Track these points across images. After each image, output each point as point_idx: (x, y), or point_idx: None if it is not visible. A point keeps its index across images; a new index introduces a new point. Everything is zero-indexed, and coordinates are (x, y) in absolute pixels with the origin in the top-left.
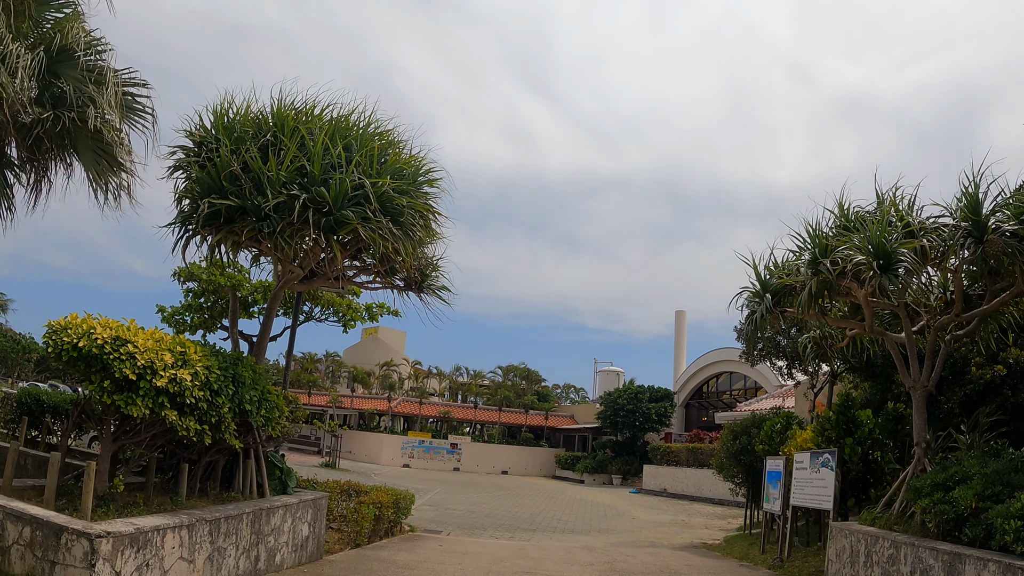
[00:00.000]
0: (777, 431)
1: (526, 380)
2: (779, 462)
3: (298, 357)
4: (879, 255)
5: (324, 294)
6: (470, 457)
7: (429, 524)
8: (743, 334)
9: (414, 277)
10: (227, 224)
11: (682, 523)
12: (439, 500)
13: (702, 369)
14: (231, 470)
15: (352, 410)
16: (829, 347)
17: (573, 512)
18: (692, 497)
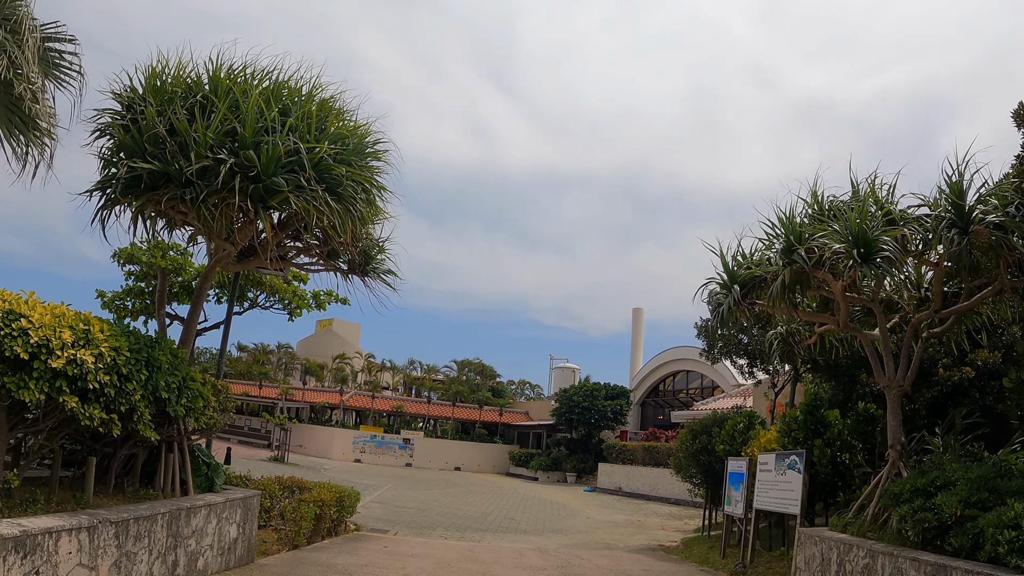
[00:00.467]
0: (739, 431)
1: (481, 375)
2: (742, 463)
3: (250, 348)
4: (859, 243)
5: (268, 280)
6: (423, 453)
7: (377, 522)
8: (703, 331)
9: (357, 260)
10: (148, 192)
11: (638, 523)
12: (389, 497)
13: (659, 367)
14: (155, 465)
15: (303, 403)
16: (796, 344)
17: (526, 511)
18: (648, 496)
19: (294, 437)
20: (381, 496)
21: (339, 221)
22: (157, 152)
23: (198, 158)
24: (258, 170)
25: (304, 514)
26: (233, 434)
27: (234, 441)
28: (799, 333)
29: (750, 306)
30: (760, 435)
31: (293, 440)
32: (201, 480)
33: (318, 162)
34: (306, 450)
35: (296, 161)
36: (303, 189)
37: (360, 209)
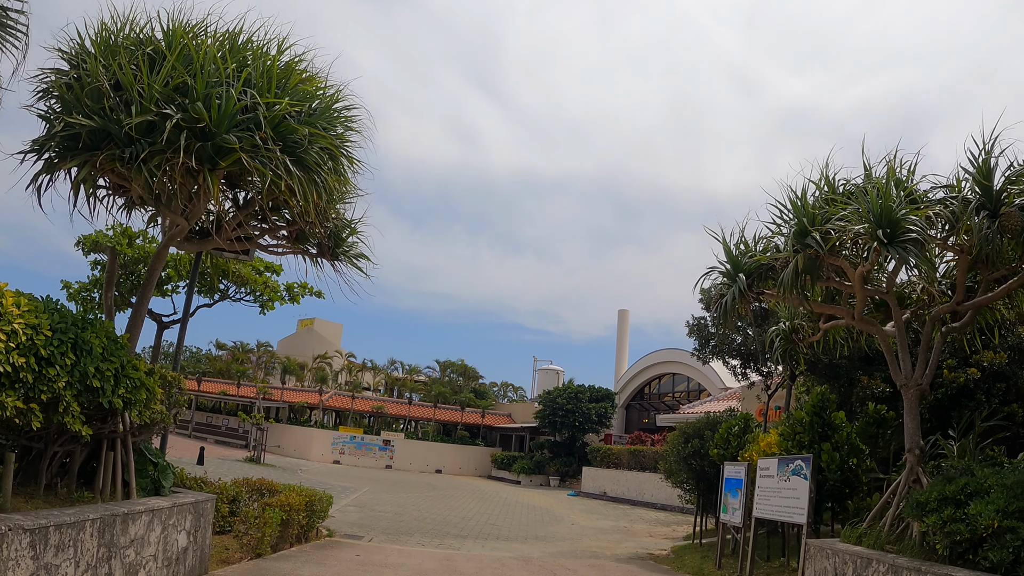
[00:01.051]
0: (735, 434)
1: (463, 376)
2: (740, 468)
3: (229, 346)
4: (883, 223)
5: (238, 269)
6: (403, 454)
7: (351, 528)
8: (694, 329)
9: (327, 243)
10: (85, 152)
11: (624, 530)
12: (366, 500)
13: (645, 370)
14: (97, 465)
15: (282, 403)
16: (799, 341)
17: (509, 516)
18: (634, 501)
19: (272, 438)
20: (358, 499)
21: (300, 189)
22: (98, 108)
23: (141, 112)
24: (208, 126)
25: (269, 520)
26: (210, 434)
27: (211, 441)
28: (802, 330)
29: (757, 297)
30: (759, 439)
31: (271, 441)
32: (147, 482)
33: (279, 123)
34: (284, 451)
35: (252, 119)
36: (258, 149)
37: (326, 179)
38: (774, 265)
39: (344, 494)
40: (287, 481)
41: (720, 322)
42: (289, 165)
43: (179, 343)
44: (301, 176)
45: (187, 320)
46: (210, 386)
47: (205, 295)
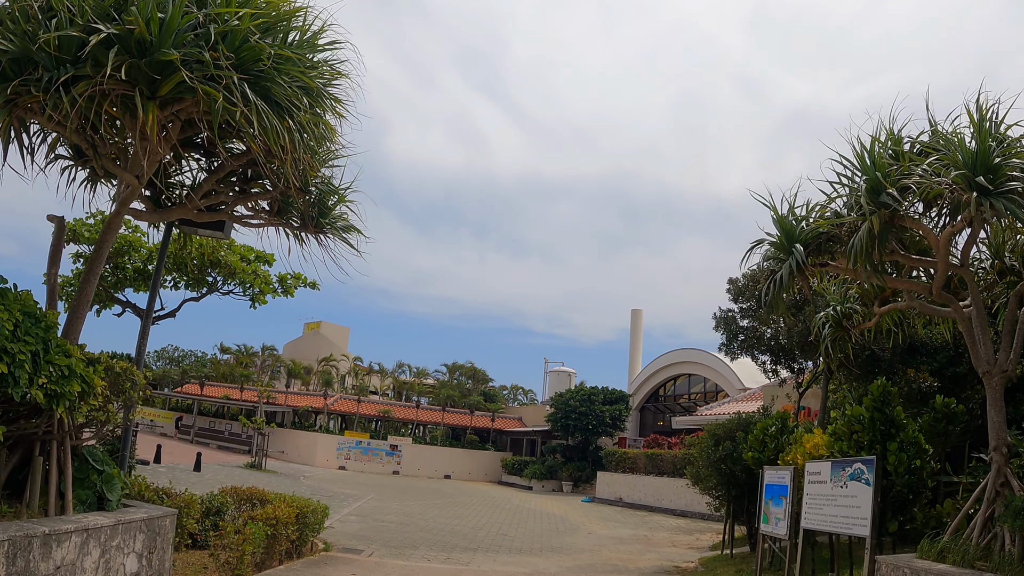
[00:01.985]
0: (771, 435)
1: (472, 379)
2: (784, 473)
3: (233, 350)
4: (979, 170)
5: (226, 257)
6: (411, 460)
7: (351, 540)
8: (721, 322)
9: (310, 213)
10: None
11: (645, 539)
12: (370, 508)
13: (660, 371)
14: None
15: (286, 407)
16: (851, 329)
17: (521, 525)
18: (651, 507)
19: (276, 443)
20: (361, 508)
21: (261, 123)
22: (20, 31)
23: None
24: (145, 40)
25: (250, 536)
26: (213, 439)
27: (213, 447)
28: (854, 315)
29: (822, 267)
30: (804, 439)
31: (275, 446)
32: (88, 494)
33: (239, 44)
34: (288, 456)
35: (204, 35)
36: (206, 66)
37: (302, 122)
38: (835, 234)
39: (346, 502)
40: (288, 488)
41: (769, 304)
42: (248, 91)
43: (143, 333)
44: (263, 108)
45: (153, 303)
46: (213, 390)
47: (192, 288)
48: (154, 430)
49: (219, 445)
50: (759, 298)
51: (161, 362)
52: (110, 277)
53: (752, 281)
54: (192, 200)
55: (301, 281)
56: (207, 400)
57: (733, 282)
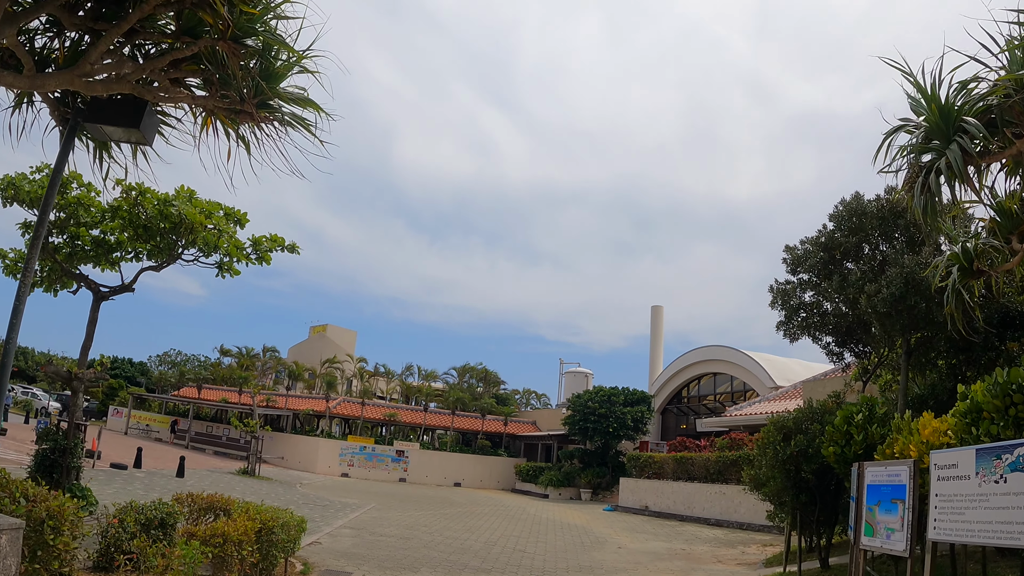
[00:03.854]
0: (858, 424)
1: (484, 382)
2: (899, 470)
3: (233, 352)
4: None
5: (181, 212)
6: (418, 466)
7: (340, 559)
8: (779, 296)
9: (250, 86)
10: None
11: (685, 554)
12: (368, 520)
13: (682, 370)
14: None
15: (287, 411)
16: (986, 272)
17: (541, 539)
18: (682, 516)
19: (276, 448)
20: (358, 519)
21: None
22: None
23: None
24: None
25: (177, 560)
26: (210, 444)
27: (209, 452)
28: (989, 255)
29: (998, 152)
30: (918, 425)
31: (274, 452)
32: None
33: None
34: (288, 463)
35: None
36: None
37: None
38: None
39: (341, 513)
40: (280, 497)
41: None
42: None
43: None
44: None
45: (38, 243)
46: (211, 394)
47: (152, 256)
48: (149, 435)
49: (216, 451)
50: (823, 265)
51: (164, 367)
52: (65, 249)
53: (815, 246)
54: (87, 62)
55: (277, 243)
56: (204, 403)
57: (791, 249)
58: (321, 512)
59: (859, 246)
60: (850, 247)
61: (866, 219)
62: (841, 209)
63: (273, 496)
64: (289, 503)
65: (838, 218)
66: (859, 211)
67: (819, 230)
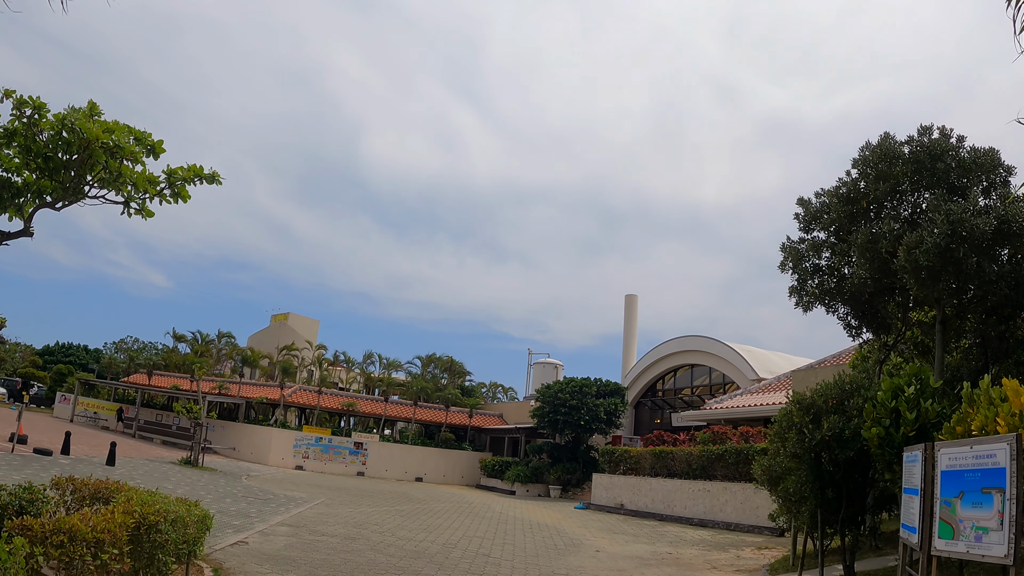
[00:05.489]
0: (909, 398)
1: (449, 373)
2: (993, 448)
3: (188, 338)
4: None
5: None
6: (378, 459)
7: (264, 565)
8: (790, 255)
9: None
10: None
11: (671, 559)
12: (313, 517)
13: (658, 362)
14: None
15: (240, 399)
16: None
17: (508, 540)
18: (661, 516)
19: (227, 438)
20: (302, 515)
21: None
22: None
23: None
24: None
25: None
26: (159, 433)
27: (157, 441)
28: None
29: None
30: (1007, 392)
31: (225, 442)
32: None
33: None
34: (239, 454)
35: None
36: None
37: None
38: None
39: (284, 508)
40: (222, 489)
41: None
42: None
43: None
44: None
45: None
46: (162, 380)
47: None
48: (96, 423)
49: (164, 440)
50: (844, 220)
51: (119, 354)
52: None
53: (835, 199)
54: None
55: (195, 173)
56: (154, 390)
57: (805, 203)
58: (260, 507)
59: (889, 196)
60: (880, 196)
61: (898, 164)
62: (867, 154)
63: (211, 488)
64: (227, 496)
65: (863, 163)
66: (890, 154)
67: (839, 179)
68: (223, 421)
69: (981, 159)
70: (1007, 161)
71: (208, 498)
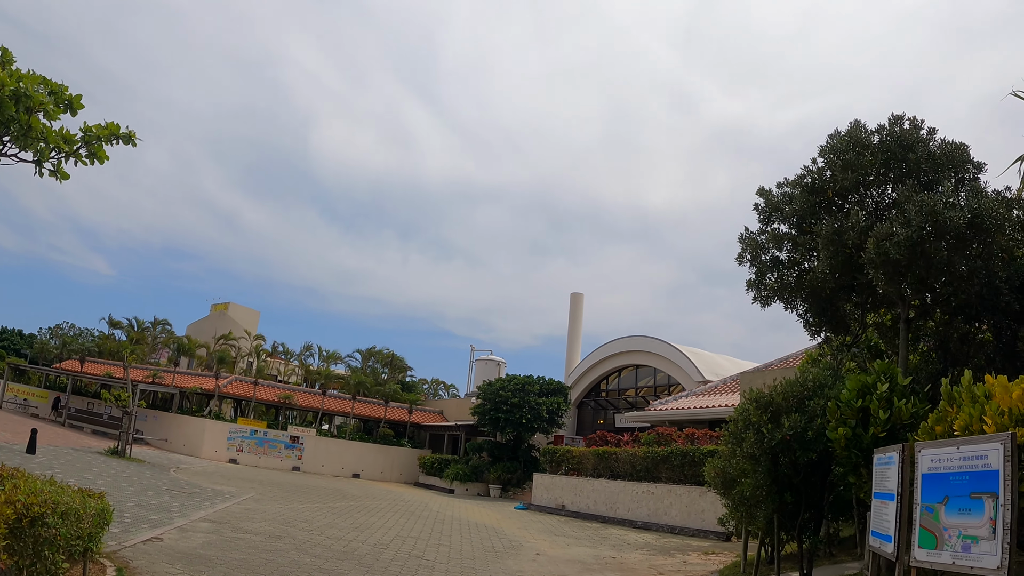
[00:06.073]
0: (881, 396)
1: (390, 367)
2: (984, 448)
3: (123, 324)
4: None
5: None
6: (314, 454)
7: (176, 563)
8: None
9: None
10: None
11: (615, 564)
12: (239, 512)
13: (602, 362)
14: None
15: (174, 388)
16: None
17: (444, 541)
18: (604, 518)
19: (159, 429)
20: (227, 511)
21: None
22: None
23: None
24: None
25: None
26: (90, 423)
27: (87, 431)
28: None
29: None
30: (988, 389)
31: (158, 432)
32: None
33: None
34: (172, 445)
35: None
36: None
37: None
38: None
39: (209, 502)
40: (147, 482)
41: None
42: None
43: None
44: None
45: None
46: (95, 367)
47: None
48: (27, 410)
49: (94, 429)
50: (807, 212)
51: (53, 340)
52: None
53: (798, 188)
54: None
55: (112, 132)
56: (87, 378)
57: (765, 193)
58: (184, 500)
59: (857, 186)
60: (847, 186)
61: (867, 153)
62: (835, 142)
63: (134, 480)
64: (149, 488)
65: (831, 151)
66: (859, 143)
67: (804, 167)
68: (156, 411)
69: (952, 153)
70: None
71: (129, 490)
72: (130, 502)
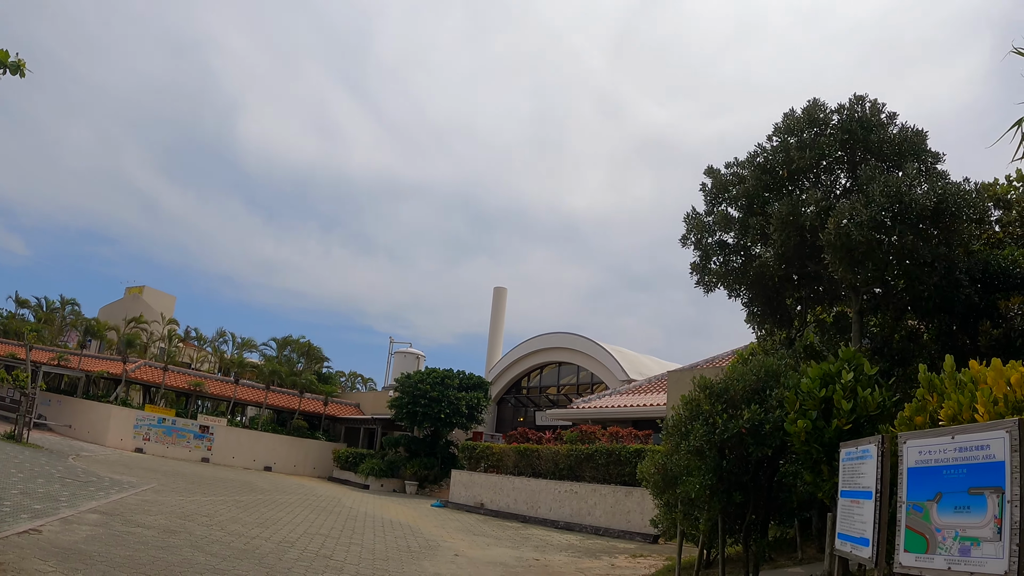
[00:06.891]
0: (845, 385)
1: (306, 357)
2: (984, 438)
3: (31, 304)
4: None
5: None
6: (225, 445)
7: (50, 559)
8: (694, 227)
9: None
10: None
11: (539, 566)
12: (134, 504)
13: (524, 358)
14: None
15: (80, 372)
16: None
17: (356, 540)
18: (524, 517)
19: (63, 414)
20: (121, 502)
21: None
22: None
23: None
24: None
25: None
26: None
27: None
28: None
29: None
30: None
31: (61, 418)
32: None
33: None
34: (76, 432)
35: None
36: None
37: None
38: None
39: (103, 492)
40: (41, 469)
41: None
42: None
43: None
44: None
45: None
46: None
47: None
48: None
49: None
50: (756, 192)
51: None
52: None
53: (748, 168)
54: None
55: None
56: None
57: (713, 173)
58: (76, 490)
59: (814, 166)
60: (804, 167)
61: (826, 132)
62: (791, 122)
63: (26, 467)
64: (40, 476)
65: (787, 131)
66: (818, 122)
67: (757, 145)
68: (61, 395)
69: (912, 139)
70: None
71: (17, 477)
72: (14, 490)
